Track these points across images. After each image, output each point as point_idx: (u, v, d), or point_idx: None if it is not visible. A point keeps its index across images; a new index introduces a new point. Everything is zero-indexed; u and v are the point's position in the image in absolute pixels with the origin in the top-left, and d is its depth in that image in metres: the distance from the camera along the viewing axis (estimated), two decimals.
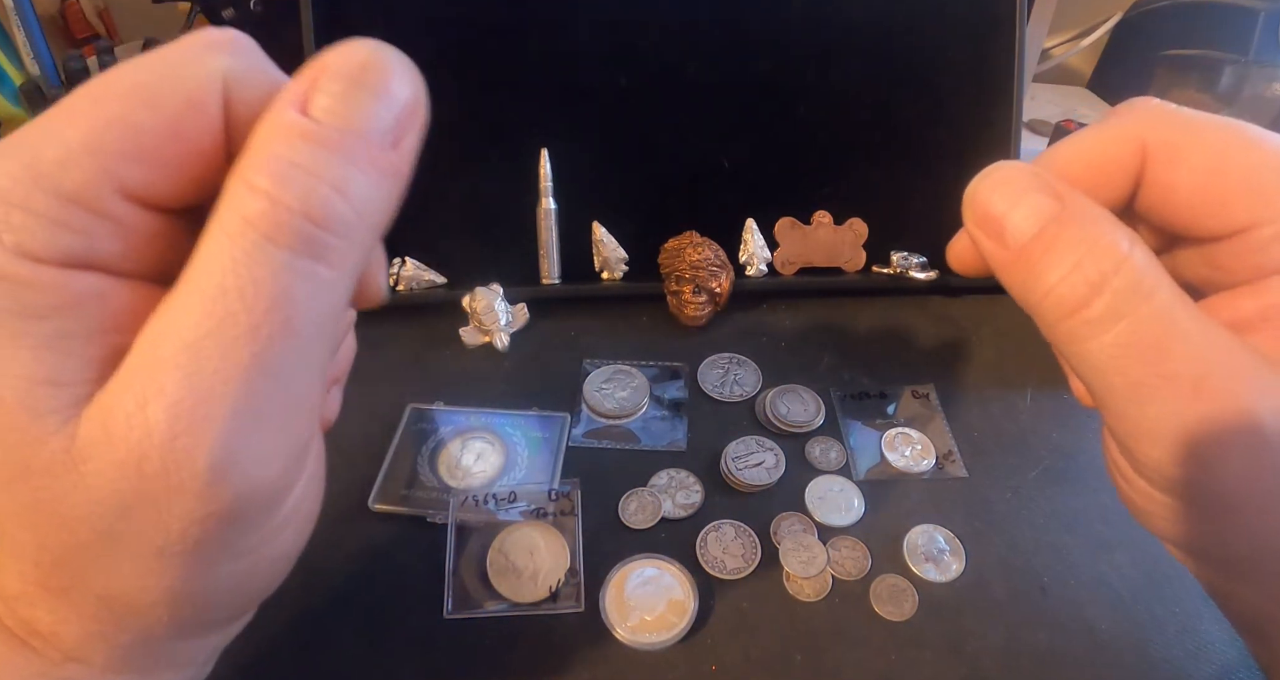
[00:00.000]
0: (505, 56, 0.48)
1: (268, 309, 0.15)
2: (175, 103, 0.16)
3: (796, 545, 0.35)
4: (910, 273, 0.51)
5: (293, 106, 0.16)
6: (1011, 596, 0.34)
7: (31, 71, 0.49)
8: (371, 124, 0.16)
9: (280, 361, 0.15)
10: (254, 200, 0.15)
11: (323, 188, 0.15)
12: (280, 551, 0.19)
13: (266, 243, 0.15)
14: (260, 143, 0.15)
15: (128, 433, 0.15)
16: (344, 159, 0.15)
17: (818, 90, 0.50)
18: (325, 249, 0.15)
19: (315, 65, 0.16)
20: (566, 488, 0.37)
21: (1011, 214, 0.18)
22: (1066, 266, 0.17)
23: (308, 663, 0.31)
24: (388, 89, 0.16)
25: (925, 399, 0.44)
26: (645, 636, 0.32)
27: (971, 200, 0.19)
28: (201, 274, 0.15)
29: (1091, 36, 0.72)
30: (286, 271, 0.15)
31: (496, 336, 0.46)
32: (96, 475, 0.15)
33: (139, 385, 0.15)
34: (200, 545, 0.16)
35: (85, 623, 0.18)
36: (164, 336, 0.15)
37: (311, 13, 0.46)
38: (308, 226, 0.15)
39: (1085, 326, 0.17)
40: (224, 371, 0.15)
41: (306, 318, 0.15)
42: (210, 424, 0.15)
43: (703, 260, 0.46)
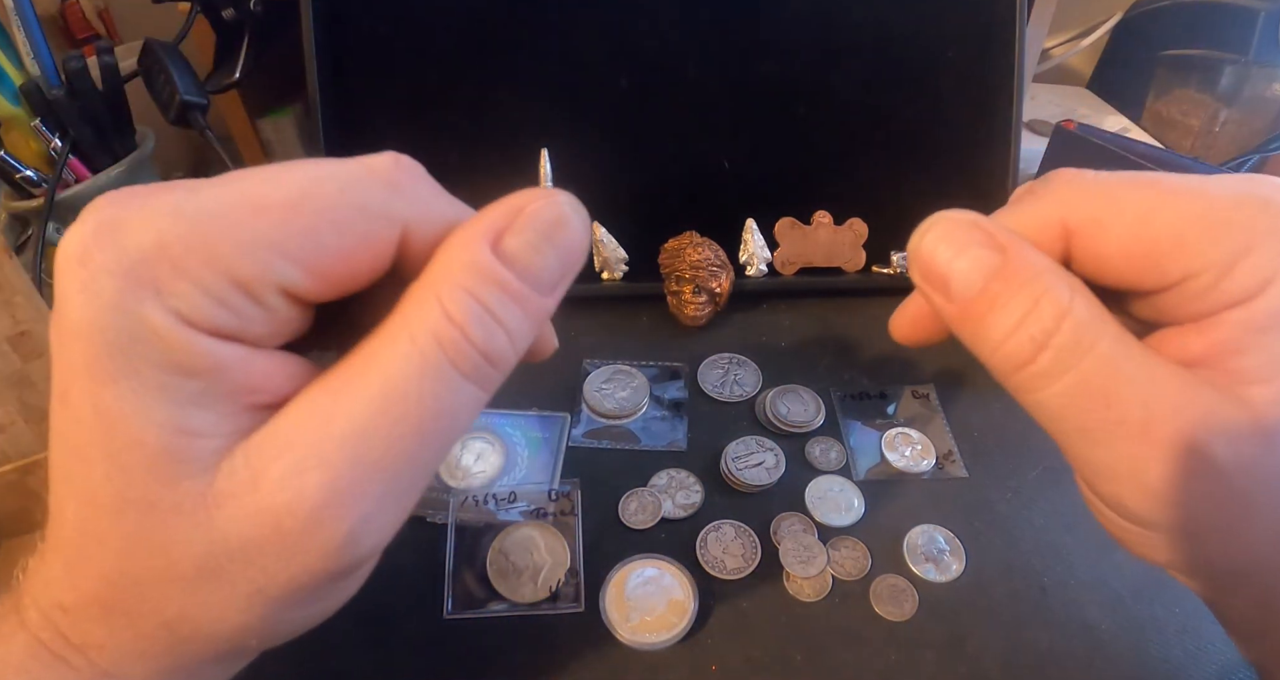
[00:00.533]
0: (506, 57, 0.48)
1: (436, 418, 0.17)
2: (359, 236, 0.17)
3: (796, 545, 0.35)
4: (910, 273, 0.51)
5: (486, 241, 0.17)
6: (1011, 596, 0.34)
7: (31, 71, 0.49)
8: (547, 277, 0.18)
9: (426, 460, 0.18)
10: (448, 328, 0.17)
11: (501, 333, 0.17)
12: (345, 597, 0.21)
13: (449, 365, 0.17)
14: (457, 268, 0.17)
15: (277, 491, 0.16)
16: (520, 308, 0.18)
17: (818, 90, 0.50)
18: (488, 378, 0.18)
19: (514, 205, 0.18)
20: (566, 488, 0.37)
21: (955, 268, 0.18)
22: (1011, 323, 0.17)
23: (308, 663, 0.31)
24: (569, 247, 0.18)
25: (925, 399, 0.44)
26: (645, 636, 0.32)
27: (916, 254, 0.19)
28: (385, 370, 0.17)
29: (1091, 36, 0.72)
30: (458, 391, 0.17)
31: None
32: (230, 520, 0.16)
33: (299, 453, 0.16)
34: (299, 592, 0.18)
35: (139, 643, 0.18)
36: (335, 416, 0.17)
37: (311, 13, 0.46)
38: (482, 361, 0.17)
39: (1034, 379, 0.18)
40: (385, 462, 0.17)
41: (456, 427, 0.18)
42: (360, 503, 0.17)
43: (703, 260, 0.46)
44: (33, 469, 0.36)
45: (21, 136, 0.50)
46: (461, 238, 0.18)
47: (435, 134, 0.48)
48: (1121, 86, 0.74)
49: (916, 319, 0.23)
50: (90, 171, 0.52)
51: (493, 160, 0.48)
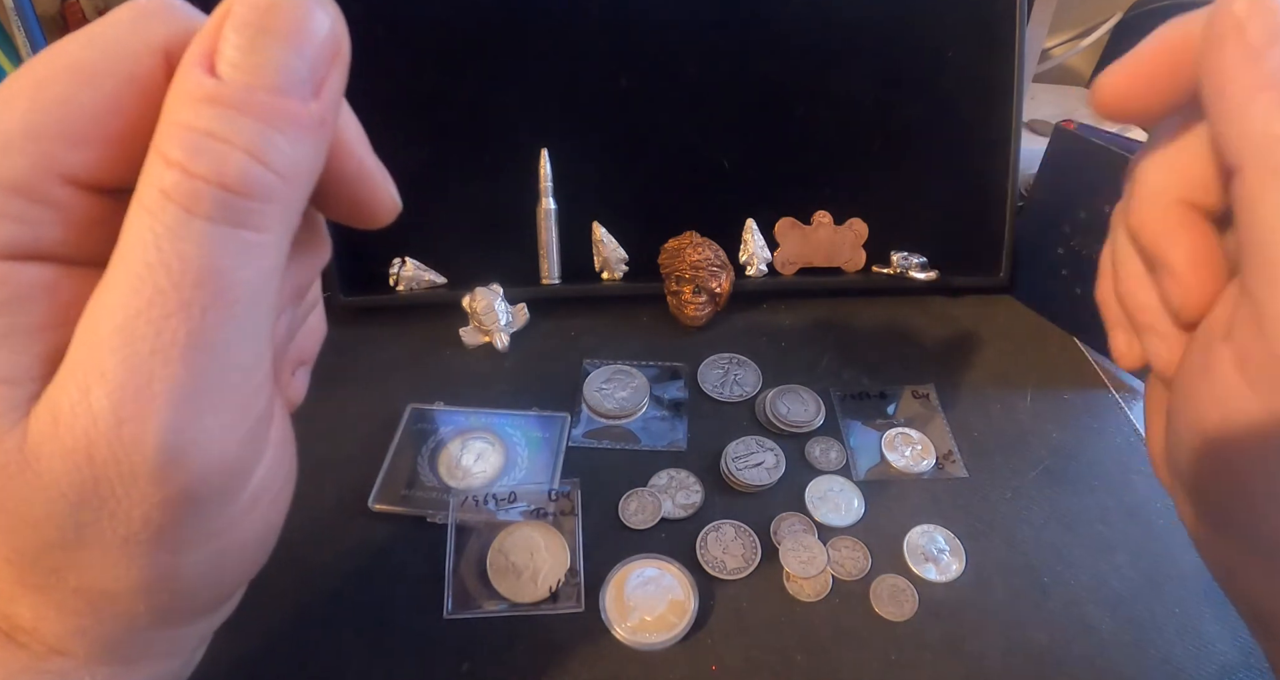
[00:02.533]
0: (506, 57, 0.48)
1: (196, 282, 0.14)
2: (116, 80, 0.15)
3: (796, 545, 0.35)
4: (910, 273, 0.51)
5: (199, 65, 0.14)
6: (1011, 596, 0.34)
7: None
8: (284, 76, 0.15)
9: (218, 335, 0.15)
10: (169, 173, 0.14)
11: (236, 154, 0.14)
12: (252, 534, 0.19)
13: (185, 215, 0.14)
14: (170, 110, 0.15)
15: (73, 422, 0.14)
16: (256, 119, 0.14)
17: (818, 90, 0.50)
18: (247, 214, 0.15)
19: (219, 13, 0.15)
20: (566, 488, 0.37)
21: (1256, 18, 0.16)
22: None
23: (308, 662, 0.31)
24: (299, 32, 0.15)
25: (925, 399, 0.44)
26: (645, 636, 0.32)
27: (1242, 3, 0.16)
28: (126, 252, 0.14)
29: (1091, 36, 0.72)
30: (209, 241, 0.14)
31: (496, 336, 0.46)
32: (50, 471, 0.15)
33: (80, 372, 0.14)
34: (164, 531, 0.16)
35: (65, 617, 0.17)
36: (98, 320, 0.14)
37: None
38: (225, 195, 0.14)
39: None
40: (160, 350, 0.14)
41: (238, 286, 0.15)
42: (154, 406, 0.14)
43: (703, 260, 0.46)
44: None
45: None
46: (176, 75, 0.15)
47: (435, 134, 0.48)
48: None
49: (1152, 68, 0.19)
50: None
51: (493, 160, 0.49)
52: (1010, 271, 0.52)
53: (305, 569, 0.34)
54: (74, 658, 0.18)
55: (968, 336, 0.49)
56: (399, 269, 0.48)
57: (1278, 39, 0.16)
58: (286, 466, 0.20)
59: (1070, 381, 0.45)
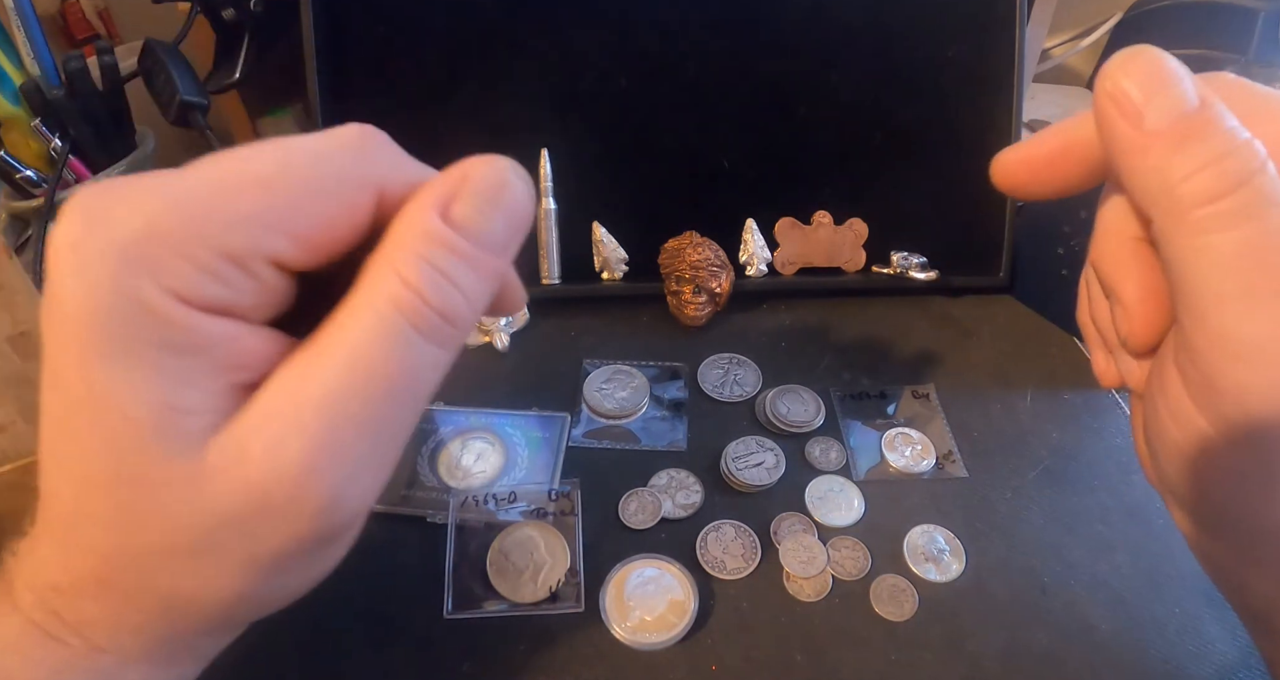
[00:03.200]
0: (505, 57, 0.48)
1: (402, 378, 0.18)
2: (336, 203, 0.18)
3: (796, 545, 0.35)
4: (910, 273, 0.51)
5: (435, 210, 0.18)
6: (1011, 596, 0.34)
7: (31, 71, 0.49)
8: (496, 239, 0.19)
9: (397, 420, 0.19)
10: (404, 292, 0.18)
11: (456, 293, 0.18)
12: (333, 562, 0.22)
13: (409, 327, 0.18)
14: (409, 238, 0.18)
15: (263, 462, 0.17)
16: (472, 269, 0.19)
17: (818, 90, 0.50)
18: (447, 337, 0.19)
19: (459, 173, 0.19)
20: (566, 488, 0.37)
21: (1155, 99, 0.18)
22: (1205, 158, 0.17)
23: (308, 662, 0.31)
24: (514, 209, 0.19)
25: (925, 399, 0.44)
26: (645, 636, 0.32)
27: (1114, 74, 0.18)
28: (349, 338, 0.18)
29: (1091, 36, 0.72)
30: (420, 351, 0.18)
31: (496, 336, 0.46)
32: (222, 492, 0.17)
33: (280, 424, 0.17)
34: (288, 558, 0.19)
35: (134, 615, 0.19)
36: (307, 385, 0.17)
37: (311, 13, 0.46)
38: (440, 321, 0.18)
39: (1216, 219, 0.17)
40: (358, 424, 0.17)
41: (423, 388, 0.19)
42: (340, 465, 0.17)
43: (703, 260, 0.46)
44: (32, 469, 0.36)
45: (21, 136, 0.50)
46: (413, 209, 0.19)
47: (435, 134, 0.48)
48: None
49: (1038, 159, 0.21)
50: (90, 171, 0.52)
51: None
52: (1010, 271, 0.52)
53: None
54: (114, 655, 0.20)
55: (968, 336, 0.49)
56: None
57: (1154, 94, 0.18)
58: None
59: (1070, 381, 0.45)
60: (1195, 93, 0.17)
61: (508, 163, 0.20)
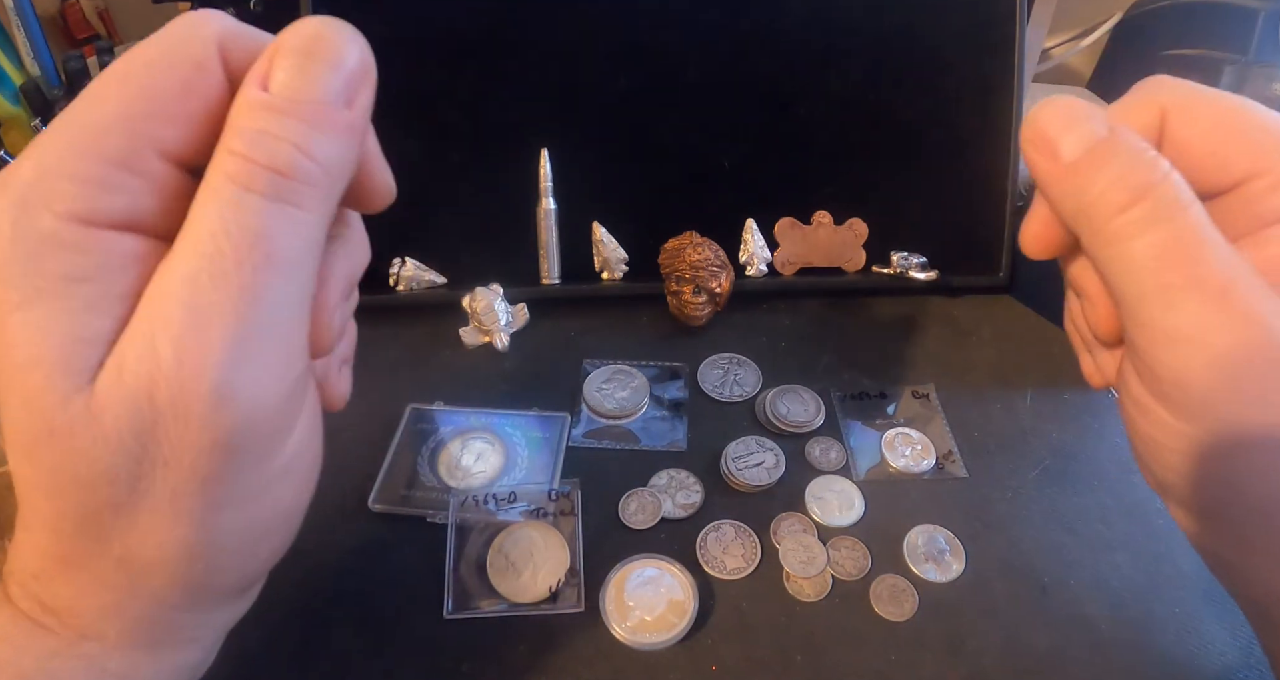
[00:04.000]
0: (505, 57, 0.48)
1: (250, 245, 0.17)
2: (184, 67, 0.18)
3: (796, 545, 0.35)
4: (910, 273, 0.51)
5: (256, 84, 0.18)
6: (1011, 596, 0.34)
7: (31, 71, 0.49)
8: (324, 90, 0.18)
9: (266, 290, 0.17)
10: (232, 160, 0.17)
11: (285, 146, 0.18)
12: (282, 506, 0.21)
13: (244, 192, 0.17)
14: (233, 117, 0.18)
15: (138, 367, 0.17)
16: (302, 122, 0.18)
17: (818, 90, 0.50)
18: (295, 194, 0.18)
19: (273, 44, 0.19)
20: (566, 488, 0.37)
21: (1066, 134, 0.20)
22: (1114, 175, 0.19)
23: (308, 662, 0.31)
24: (337, 58, 0.19)
25: (925, 399, 0.44)
26: (645, 636, 0.32)
27: (1032, 122, 0.21)
28: (193, 222, 0.17)
29: (1091, 36, 0.72)
30: (263, 214, 0.17)
31: (496, 336, 0.46)
32: (113, 420, 0.17)
33: (147, 325, 0.17)
34: (209, 481, 0.18)
35: (102, 593, 0.19)
36: (166, 279, 0.17)
37: (311, 13, 0.46)
38: (277, 177, 0.17)
39: (1128, 226, 0.19)
40: (218, 302, 0.17)
41: (285, 251, 0.18)
42: (210, 349, 0.17)
43: (703, 260, 0.46)
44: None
45: (21, 136, 0.50)
46: (239, 92, 0.18)
47: (435, 134, 0.48)
48: (1122, 86, 0.73)
49: (1045, 226, 0.23)
50: None
51: (493, 160, 0.49)
52: (1010, 271, 0.52)
53: (305, 569, 0.34)
54: (103, 641, 0.20)
55: (968, 336, 0.49)
56: (399, 269, 0.48)
57: (1064, 131, 0.20)
58: (316, 446, 0.22)
59: (1070, 381, 0.45)
60: (1104, 125, 0.20)
61: (322, 18, 0.19)
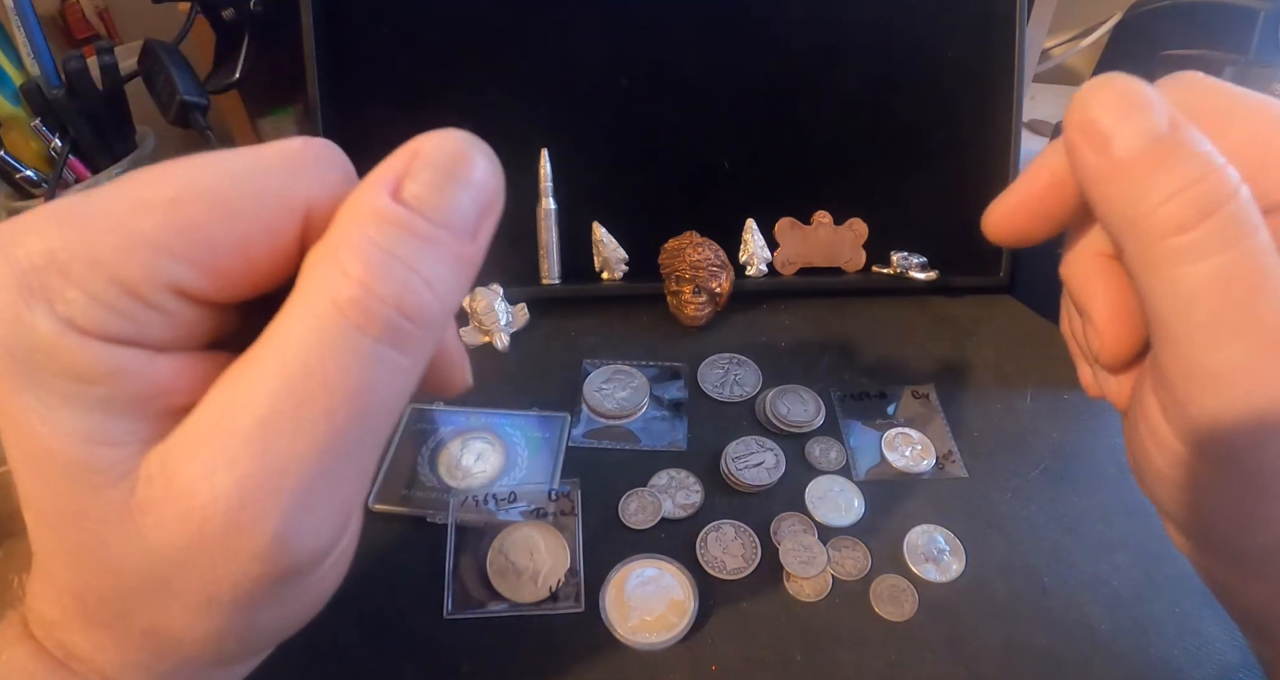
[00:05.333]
0: (506, 57, 0.48)
1: (349, 395, 0.15)
2: (252, 226, 0.16)
3: (796, 545, 0.35)
4: (910, 273, 0.51)
5: (385, 189, 0.16)
6: (1011, 596, 0.34)
7: (31, 71, 0.49)
8: (460, 217, 0.16)
9: (351, 444, 0.16)
10: (347, 286, 0.15)
11: (415, 280, 0.15)
12: (319, 594, 0.20)
13: (355, 330, 0.15)
14: (353, 223, 0.15)
15: (192, 495, 0.15)
16: (434, 251, 0.16)
17: (818, 90, 0.50)
18: (409, 340, 0.16)
19: (408, 150, 0.16)
20: (566, 488, 0.37)
21: (1122, 124, 0.17)
22: (1176, 186, 0.16)
23: (308, 662, 0.31)
24: (476, 182, 0.16)
25: (925, 399, 0.44)
26: (645, 636, 0.32)
27: (1082, 105, 0.18)
28: (283, 351, 0.15)
29: (1091, 36, 0.72)
30: (371, 360, 0.15)
31: (496, 336, 0.46)
32: (156, 527, 0.15)
33: (208, 453, 0.15)
34: (249, 598, 0.17)
35: (125, 653, 0.18)
36: (238, 408, 0.15)
37: (311, 13, 0.46)
38: (397, 318, 0.15)
39: (1185, 251, 0.16)
40: (297, 451, 0.15)
41: (382, 403, 0.16)
42: (278, 500, 0.15)
43: (703, 260, 0.46)
44: None
45: (21, 136, 0.50)
46: (358, 192, 0.16)
47: None
48: None
49: (1033, 200, 0.21)
50: (90, 171, 0.52)
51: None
52: (1010, 271, 0.52)
53: None
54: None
55: (968, 336, 0.49)
56: None
57: (1120, 122, 0.17)
58: (355, 538, 0.21)
59: (1070, 381, 0.45)
60: (1166, 117, 0.17)
61: (466, 134, 0.17)
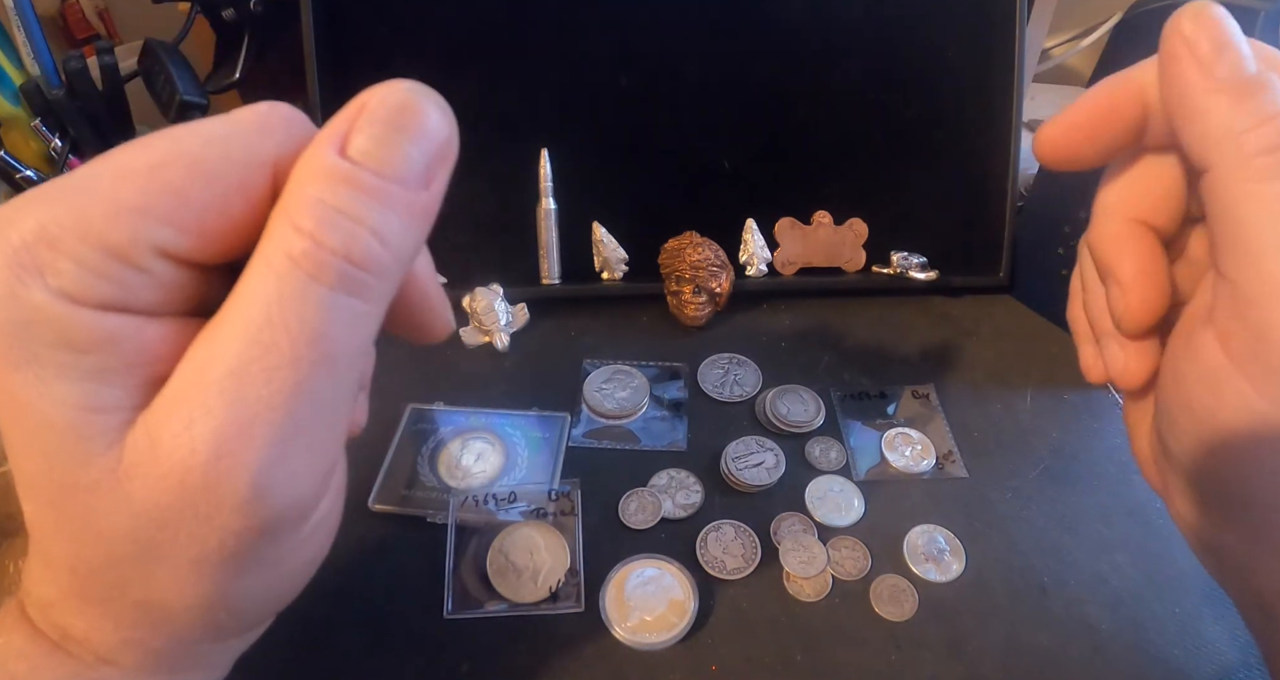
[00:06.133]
0: (506, 57, 0.48)
1: (310, 341, 0.16)
2: (227, 184, 0.17)
3: (796, 545, 0.35)
4: (910, 273, 0.51)
5: (332, 147, 0.16)
6: (1011, 596, 0.34)
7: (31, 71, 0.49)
8: (407, 168, 0.17)
9: (319, 390, 0.16)
10: (299, 240, 0.16)
11: (363, 232, 0.16)
12: (306, 559, 0.21)
13: (310, 280, 0.16)
14: (303, 182, 0.16)
15: (173, 450, 0.16)
16: (382, 203, 0.16)
17: (818, 90, 0.50)
18: (363, 287, 0.16)
19: (354, 105, 0.17)
20: (566, 488, 0.37)
21: (1225, 52, 0.18)
22: (1266, 114, 0.18)
23: (308, 662, 0.31)
24: (424, 131, 0.17)
25: (925, 399, 0.44)
26: (645, 636, 0.32)
27: (1190, 22, 0.19)
28: (247, 306, 0.16)
29: (1091, 36, 0.72)
30: (328, 307, 0.16)
31: (496, 336, 0.46)
32: (141, 489, 0.16)
33: (185, 407, 0.16)
34: (235, 556, 0.17)
35: (120, 629, 0.19)
36: (210, 363, 0.16)
37: (311, 13, 0.46)
38: (348, 267, 0.16)
39: (1273, 168, 0.18)
40: (267, 398, 0.16)
41: (344, 349, 0.17)
42: (252, 447, 0.16)
43: (703, 260, 0.46)
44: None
45: (21, 136, 0.50)
46: (309, 150, 0.17)
47: None
48: None
49: (1086, 121, 0.22)
50: None
51: (493, 160, 0.49)
52: (1010, 271, 0.52)
53: None
54: (122, 667, 0.19)
55: (968, 336, 0.49)
56: None
57: (1223, 49, 0.18)
58: (340, 499, 0.22)
59: (1070, 381, 0.45)
60: (1254, 61, 0.18)
61: (413, 84, 0.17)
